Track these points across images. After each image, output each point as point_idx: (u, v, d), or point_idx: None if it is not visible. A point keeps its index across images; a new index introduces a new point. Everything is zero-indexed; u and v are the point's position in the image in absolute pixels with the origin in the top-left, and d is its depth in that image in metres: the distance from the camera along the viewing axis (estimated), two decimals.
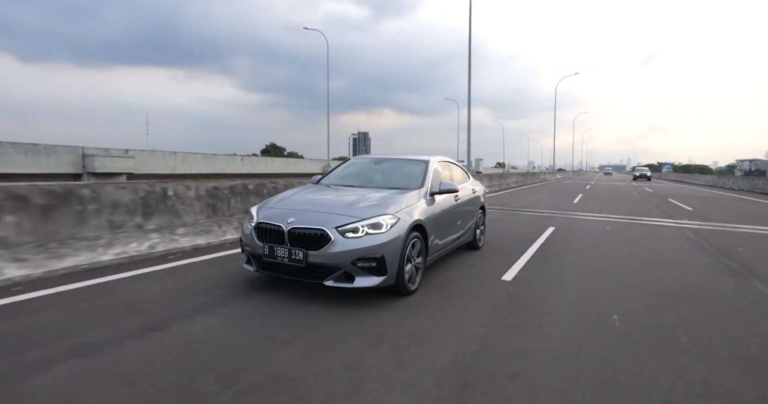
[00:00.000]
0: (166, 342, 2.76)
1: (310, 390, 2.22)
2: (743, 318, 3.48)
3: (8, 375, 2.30)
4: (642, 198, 16.77)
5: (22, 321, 3.04)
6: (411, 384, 2.29)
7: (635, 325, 3.25)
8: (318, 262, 3.46)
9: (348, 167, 5.40)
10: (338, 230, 3.50)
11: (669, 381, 2.40)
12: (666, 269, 5.07)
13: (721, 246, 6.64)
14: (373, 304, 3.54)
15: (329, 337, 2.89)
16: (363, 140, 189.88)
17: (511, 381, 2.35)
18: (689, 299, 3.92)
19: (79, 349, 2.61)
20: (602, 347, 2.84)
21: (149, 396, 2.13)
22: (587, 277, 4.61)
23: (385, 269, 3.50)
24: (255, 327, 3.04)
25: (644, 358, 2.69)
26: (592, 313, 3.50)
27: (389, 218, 3.66)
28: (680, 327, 3.24)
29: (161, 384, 2.23)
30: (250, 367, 2.44)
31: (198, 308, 3.38)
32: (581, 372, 2.48)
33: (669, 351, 2.80)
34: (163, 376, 2.32)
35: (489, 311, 3.51)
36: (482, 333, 3.02)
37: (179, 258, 4.97)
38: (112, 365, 2.43)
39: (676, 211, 12.00)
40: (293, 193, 4.43)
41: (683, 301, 3.86)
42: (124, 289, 3.82)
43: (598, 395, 2.24)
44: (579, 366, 2.56)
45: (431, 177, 4.66)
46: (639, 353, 2.76)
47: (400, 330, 3.04)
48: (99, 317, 3.14)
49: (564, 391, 2.26)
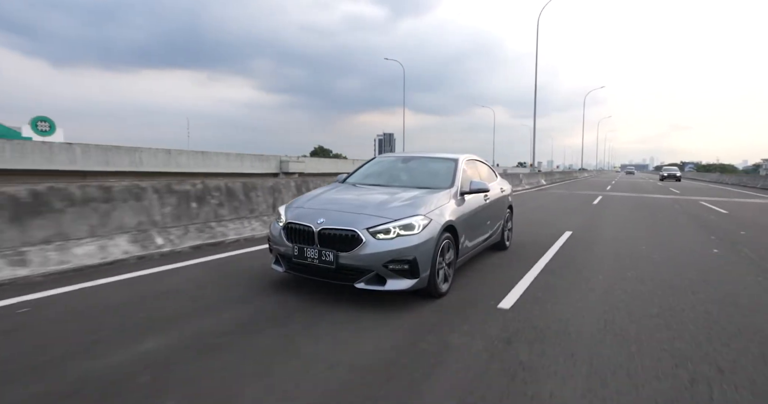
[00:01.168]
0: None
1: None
2: None
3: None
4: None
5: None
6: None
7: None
8: (349, 264, 3.39)
9: (374, 165, 5.30)
10: (369, 231, 3.41)
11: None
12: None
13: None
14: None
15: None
16: (388, 141, 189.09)
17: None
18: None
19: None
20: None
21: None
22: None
23: (418, 271, 3.41)
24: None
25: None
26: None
27: (421, 219, 3.56)
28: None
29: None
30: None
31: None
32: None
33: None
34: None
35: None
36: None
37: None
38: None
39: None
40: (321, 192, 4.36)
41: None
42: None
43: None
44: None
45: (461, 176, 4.54)
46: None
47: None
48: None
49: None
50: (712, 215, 10.65)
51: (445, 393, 2.19)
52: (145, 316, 3.16)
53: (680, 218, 9.94)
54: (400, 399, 2.13)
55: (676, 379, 2.38)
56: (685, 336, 3.00)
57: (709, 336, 3.01)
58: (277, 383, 2.25)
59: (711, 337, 3.00)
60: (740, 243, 6.73)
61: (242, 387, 2.20)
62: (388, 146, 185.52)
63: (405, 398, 2.14)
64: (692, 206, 12.91)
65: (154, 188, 5.34)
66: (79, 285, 3.80)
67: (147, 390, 2.16)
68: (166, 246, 5.10)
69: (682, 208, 12.34)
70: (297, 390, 2.18)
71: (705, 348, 2.82)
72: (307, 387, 2.22)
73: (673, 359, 2.64)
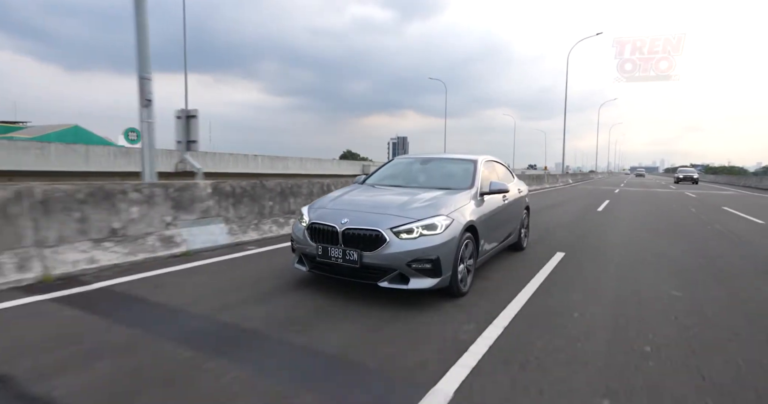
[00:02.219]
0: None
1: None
2: None
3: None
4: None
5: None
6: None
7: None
8: (372, 263, 3.45)
9: (392, 167, 5.37)
10: (393, 231, 3.47)
11: None
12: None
13: None
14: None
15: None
16: (402, 144, 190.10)
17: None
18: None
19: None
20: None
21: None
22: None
23: (440, 270, 3.46)
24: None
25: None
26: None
27: (443, 219, 3.61)
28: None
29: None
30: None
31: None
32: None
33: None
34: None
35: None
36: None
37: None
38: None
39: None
40: (342, 193, 4.44)
41: None
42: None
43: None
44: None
45: (480, 177, 4.58)
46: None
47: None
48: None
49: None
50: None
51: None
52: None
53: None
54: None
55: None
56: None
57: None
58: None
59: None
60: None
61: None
62: (402, 149, 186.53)
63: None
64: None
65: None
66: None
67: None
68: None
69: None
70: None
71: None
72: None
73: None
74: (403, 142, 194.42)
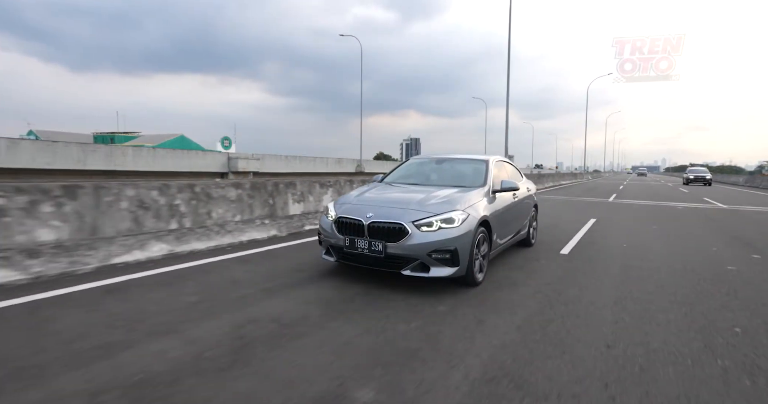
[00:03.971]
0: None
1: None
2: None
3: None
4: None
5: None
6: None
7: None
8: (396, 253, 3.78)
9: (409, 166, 5.70)
10: (414, 224, 3.80)
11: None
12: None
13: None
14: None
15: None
16: (414, 146, 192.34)
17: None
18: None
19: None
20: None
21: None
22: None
23: (458, 260, 3.78)
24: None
25: None
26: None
27: (460, 213, 3.94)
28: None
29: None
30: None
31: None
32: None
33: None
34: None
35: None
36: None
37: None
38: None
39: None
40: (364, 191, 4.76)
41: None
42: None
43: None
44: None
45: (492, 176, 4.91)
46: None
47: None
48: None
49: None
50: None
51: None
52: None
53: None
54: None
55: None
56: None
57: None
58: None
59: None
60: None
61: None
62: (414, 150, 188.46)
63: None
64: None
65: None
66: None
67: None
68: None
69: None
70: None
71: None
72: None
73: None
74: (416, 143, 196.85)
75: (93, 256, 4.34)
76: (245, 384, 2.20)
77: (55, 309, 3.19)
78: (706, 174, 31.28)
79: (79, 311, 3.16)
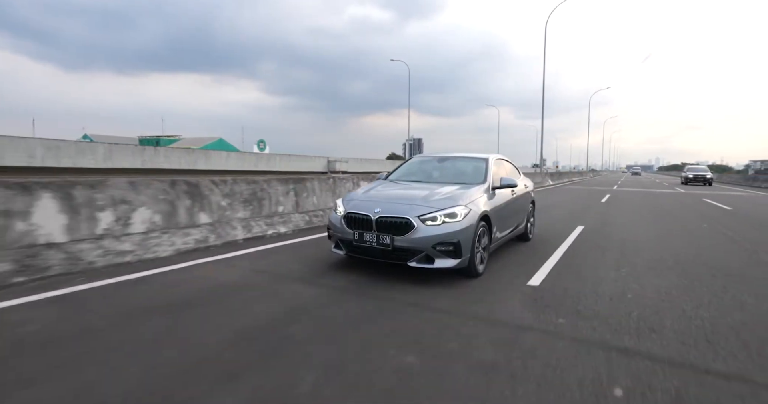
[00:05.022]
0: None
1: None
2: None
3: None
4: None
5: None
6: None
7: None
8: (403, 246, 4.04)
9: (412, 165, 5.96)
10: (420, 218, 4.06)
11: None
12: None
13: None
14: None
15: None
16: (417, 146, 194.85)
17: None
18: None
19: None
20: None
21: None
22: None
23: (461, 252, 4.04)
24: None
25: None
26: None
27: (462, 208, 4.20)
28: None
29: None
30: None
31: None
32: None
33: None
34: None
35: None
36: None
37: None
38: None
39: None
40: (370, 188, 5.02)
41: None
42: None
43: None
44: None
45: (491, 173, 5.17)
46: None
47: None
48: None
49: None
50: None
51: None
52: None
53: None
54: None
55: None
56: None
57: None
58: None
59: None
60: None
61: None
62: (417, 150, 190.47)
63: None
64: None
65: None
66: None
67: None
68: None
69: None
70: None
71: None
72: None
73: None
74: (419, 143, 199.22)
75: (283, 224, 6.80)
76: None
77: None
78: (706, 173, 29.64)
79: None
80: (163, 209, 5.19)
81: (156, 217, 5.08)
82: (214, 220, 5.76)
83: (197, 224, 5.53)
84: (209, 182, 5.92)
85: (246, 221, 6.20)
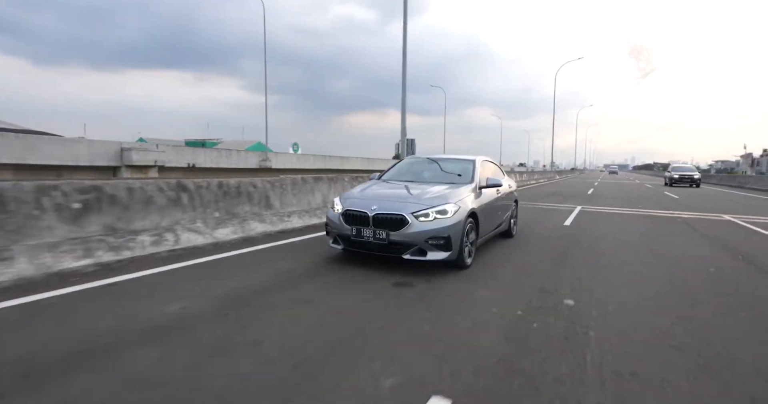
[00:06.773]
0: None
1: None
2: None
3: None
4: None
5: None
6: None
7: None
8: (398, 240, 4.37)
9: (404, 165, 6.30)
10: (413, 215, 4.40)
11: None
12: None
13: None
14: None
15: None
16: (410, 146, 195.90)
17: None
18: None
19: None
20: None
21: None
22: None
23: (451, 246, 4.40)
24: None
25: None
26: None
27: (452, 206, 4.55)
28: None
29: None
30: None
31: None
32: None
33: None
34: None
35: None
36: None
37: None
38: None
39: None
40: (365, 187, 5.34)
41: None
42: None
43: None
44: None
45: (479, 173, 5.55)
46: None
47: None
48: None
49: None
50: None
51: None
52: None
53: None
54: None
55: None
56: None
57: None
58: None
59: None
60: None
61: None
62: (410, 151, 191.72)
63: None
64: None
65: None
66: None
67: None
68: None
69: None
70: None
71: None
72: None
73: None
74: (412, 143, 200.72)
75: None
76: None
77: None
78: (693, 173, 26.37)
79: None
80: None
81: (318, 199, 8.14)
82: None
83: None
84: (349, 176, 9.05)
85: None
